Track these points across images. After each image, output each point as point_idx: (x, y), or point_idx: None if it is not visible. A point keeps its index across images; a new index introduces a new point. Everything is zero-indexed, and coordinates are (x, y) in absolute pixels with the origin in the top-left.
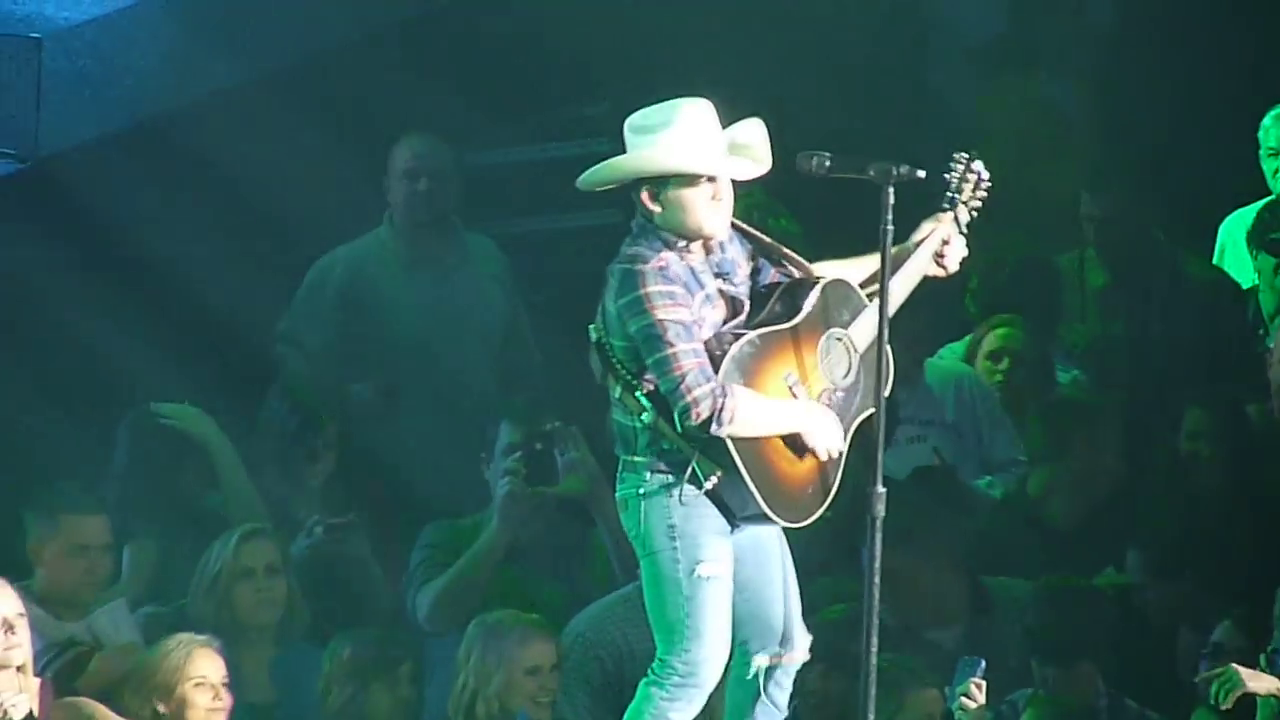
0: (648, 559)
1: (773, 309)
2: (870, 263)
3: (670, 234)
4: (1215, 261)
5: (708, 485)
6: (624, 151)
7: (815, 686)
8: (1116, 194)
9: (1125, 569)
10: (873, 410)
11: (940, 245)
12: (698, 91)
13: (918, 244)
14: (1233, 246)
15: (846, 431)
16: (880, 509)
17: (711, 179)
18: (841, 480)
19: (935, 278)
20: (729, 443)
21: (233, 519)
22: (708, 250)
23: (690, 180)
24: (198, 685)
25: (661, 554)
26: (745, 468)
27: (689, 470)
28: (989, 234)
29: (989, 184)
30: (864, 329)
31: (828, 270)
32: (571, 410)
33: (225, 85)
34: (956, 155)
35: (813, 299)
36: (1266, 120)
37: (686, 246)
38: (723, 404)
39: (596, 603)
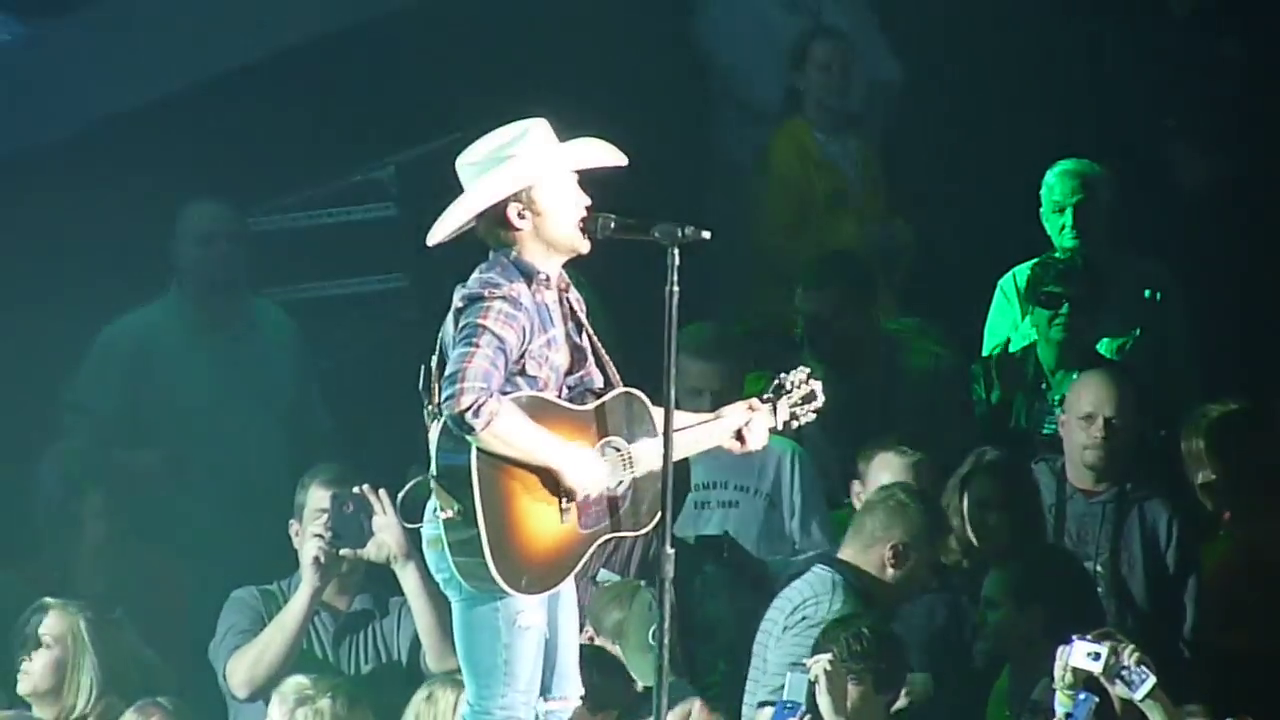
0: (463, 603)
1: (569, 397)
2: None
3: (531, 263)
4: (989, 317)
5: (443, 516)
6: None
7: None
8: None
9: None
10: (625, 534)
11: (745, 425)
12: None
13: (716, 417)
14: (1002, 301)
15: (596, 539)
16: (669, 570)
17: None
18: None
19: (728, 450)
20: (474, 476)
21: None
22: (561, 290)
23: (557, 185)
24: None
25: (479, 601)
26: (483, 510)
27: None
28: (776, 294)
29: (819, 408)
30: (649, 452)
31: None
32: (365, 476)
33: (15, 148)
34: (801, 367)
35: (602, 400)
36: (1050, 177)
37: (545, 280)
38: (486, 403)
39: None
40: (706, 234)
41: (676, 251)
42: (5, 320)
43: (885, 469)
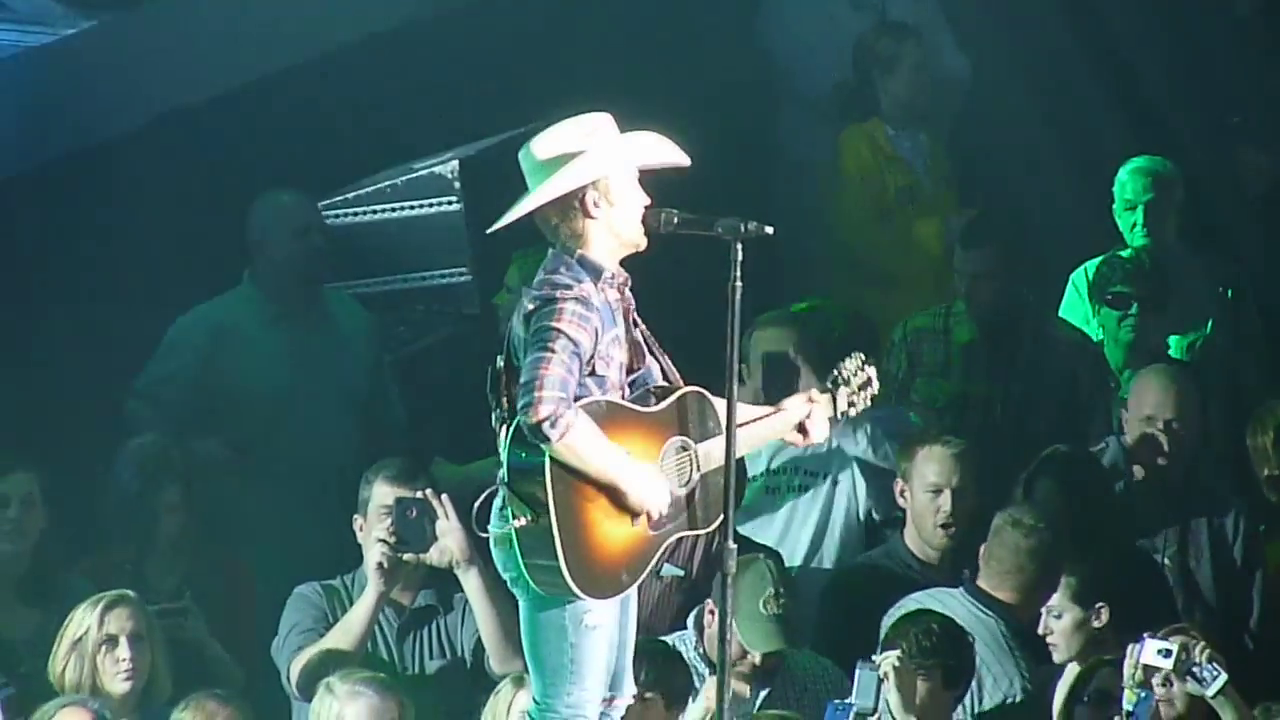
0: (531, 602)
1: (633, 395)
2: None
3: (597, 261)
4: (1061, 311)
5: (514, 524)
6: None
7: None
8: (989, 250)
9: None
10: (696, 531)
11: (806, 417)
12: None
13: (778, 410)
14: (1074, 296)
15: (666, 538)
16: (732, 565)
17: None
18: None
19: (791, 443)
20: (548, 478)
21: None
22: (621, 291)
23: (627, 178)
24: None
25: (546, 600)
26: (557, 517)
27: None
28: (850, 289)
29: (876, 394)
30: (716, 449)
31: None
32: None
33: (83, 144)
34: (854, 354)
35: (670, 400)
36: (1122, 174)
37: (611, 278)
38: (563, 413)
39: None
40: (769, 229)
41: (740, 247)
42: (78, 314)
43: (931, 461)
